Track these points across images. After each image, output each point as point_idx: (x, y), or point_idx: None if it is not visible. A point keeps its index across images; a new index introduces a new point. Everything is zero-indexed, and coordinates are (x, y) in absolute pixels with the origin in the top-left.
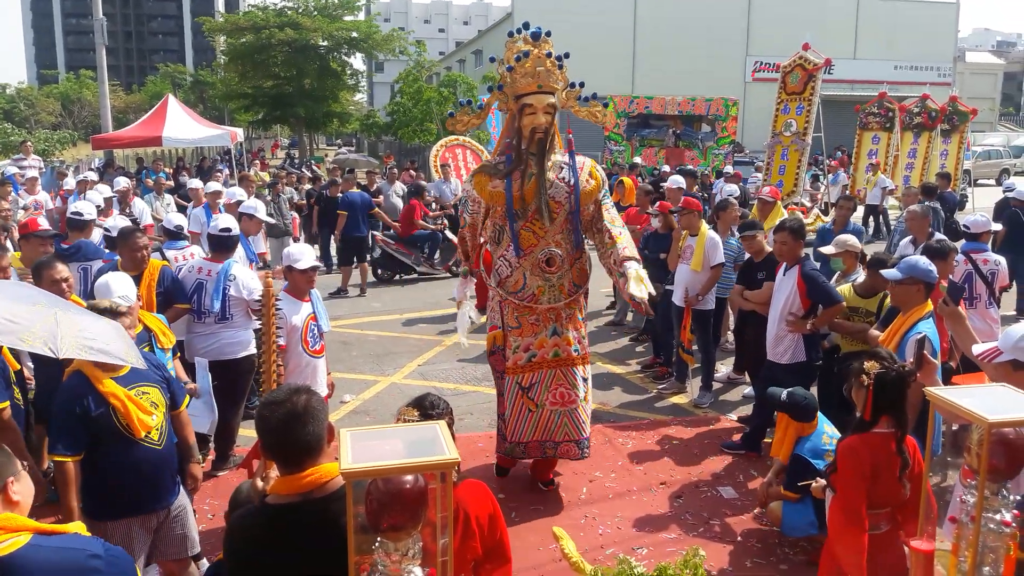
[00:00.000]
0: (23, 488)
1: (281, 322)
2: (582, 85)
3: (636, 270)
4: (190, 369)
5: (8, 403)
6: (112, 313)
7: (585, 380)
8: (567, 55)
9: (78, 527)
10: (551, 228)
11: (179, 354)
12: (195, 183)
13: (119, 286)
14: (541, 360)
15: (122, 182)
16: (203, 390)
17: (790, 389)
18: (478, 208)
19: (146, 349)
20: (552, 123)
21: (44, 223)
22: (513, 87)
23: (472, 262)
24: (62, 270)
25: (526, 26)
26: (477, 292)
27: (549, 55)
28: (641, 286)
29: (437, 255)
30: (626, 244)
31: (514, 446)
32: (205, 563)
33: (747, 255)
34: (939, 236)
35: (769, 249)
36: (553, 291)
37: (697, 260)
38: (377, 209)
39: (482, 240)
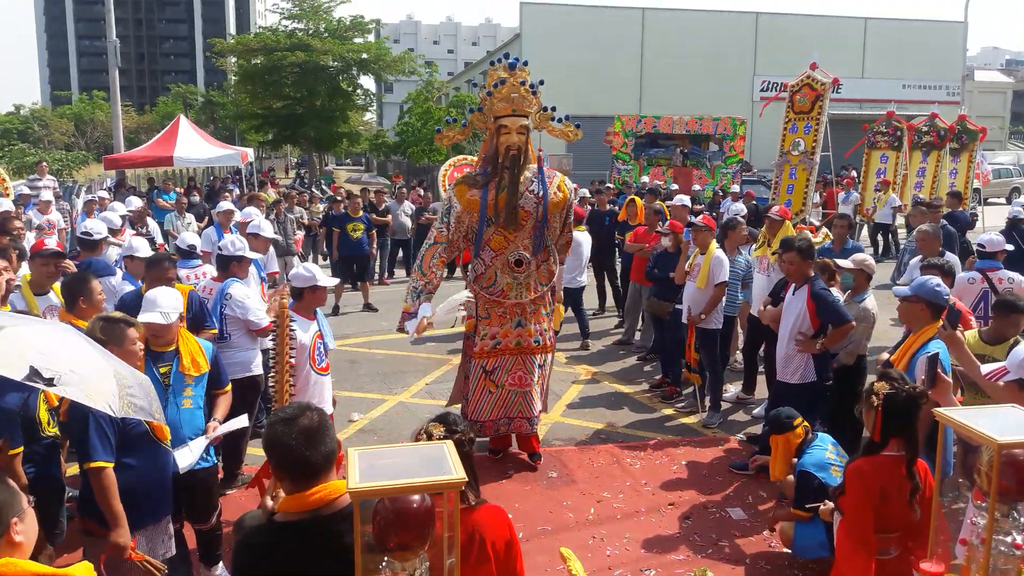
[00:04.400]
0: (27, 528)
1: (292, 341)
2: (554, 109)
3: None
4: None
5: (22, 448)
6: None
7: (541, 367)
8: (542, 82)
9: (82, 569)
10: (520, 233)
11: None
12: (226, 205)
13: (166, 301)
14: (505, 348)
15: (135, 202)
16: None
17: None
18: (453, 213)
19: (163, 370)
20: (525, 142)
21: (52, 244)
22: (491, 109)
23: (432, 292)
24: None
25: (506, 56)
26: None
27: (523, 83)
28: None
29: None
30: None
31: (472, 424)
32: (222, 568)
33: (756, 272)
34: (949, 255)
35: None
36: (520, 288)
37: (702, 278)
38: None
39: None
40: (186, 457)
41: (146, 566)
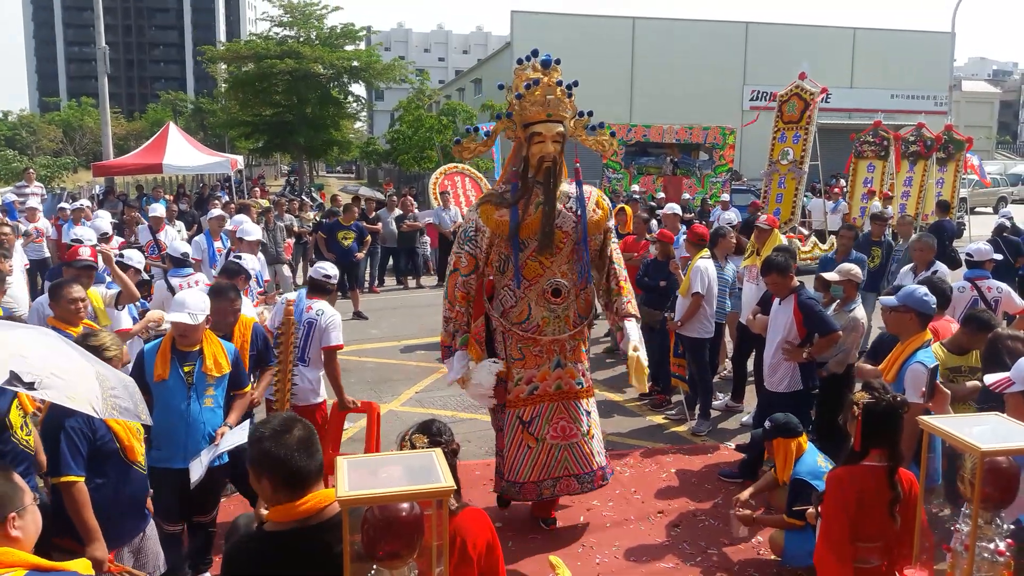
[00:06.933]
0: (26, 523)
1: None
2: (590, 114)
3: (639, 358)
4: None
5: None
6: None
7: (588, 413)
8: (576, 83)
9: (81, 565)
10: (557, 258)
11: None
12: (217, 212)
13: (194, 302)
14: (543, 393)
15: (159, 209)
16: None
17: (769, 416)
18: (482, 237)
19: (187, 370)
20: (561, 152)
21: (85, 253)
22: (522, 115)
23: (468, 329)
24: (78, 291)
25: (535, 53)
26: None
27: (559, 84)
28: (643, 378)
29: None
30: (630, 297)
31: (510, 485)
32: None
33: (743, 283)
34: (939, 265)
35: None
36: (558, 322)
37: (684, 287)
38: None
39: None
40: (197, 470)
41: None
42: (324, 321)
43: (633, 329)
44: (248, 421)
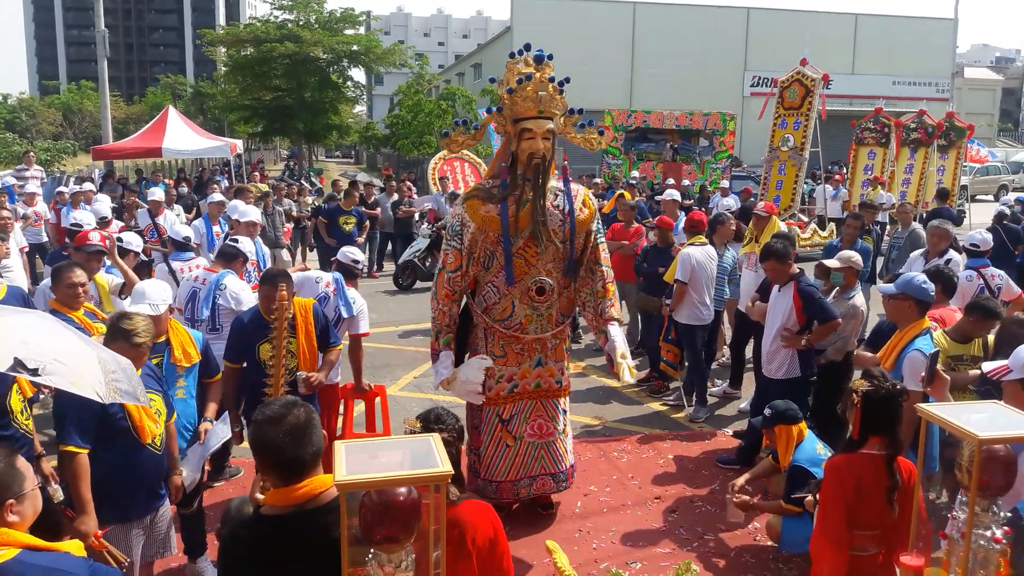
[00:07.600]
0: (23, 509)
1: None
2: (580, 112)
3: (624, 353)
4: None
5: None
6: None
7: (565, 412)
8: (568, 80)
9: (73, 546)
10: (543, 256)
11: None
12: (216, 197)
13: (155, 293)
14: (523, 391)
15: (158, 193)
16: (206, 444)
17: (769, 403)
18: (467, 232)
19: (155, 361)
20: (551, 149)
21: (95, 238)
22: (512, 110)
23: (452, 329)
24: (80, 275)
25: (527, 47)
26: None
27: (551, 80)
28: (631, 376)
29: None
30: (613, 300)
31: (486, 484)
32: (207, 559)
33: (742, 270)
34: (952, 254)
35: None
36: (541, 321)
37: (670, 272)
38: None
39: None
40: (188, 472)
41: (107, 557)
42: (355, 309)
43: (617, 334)
44: (227, 414)
